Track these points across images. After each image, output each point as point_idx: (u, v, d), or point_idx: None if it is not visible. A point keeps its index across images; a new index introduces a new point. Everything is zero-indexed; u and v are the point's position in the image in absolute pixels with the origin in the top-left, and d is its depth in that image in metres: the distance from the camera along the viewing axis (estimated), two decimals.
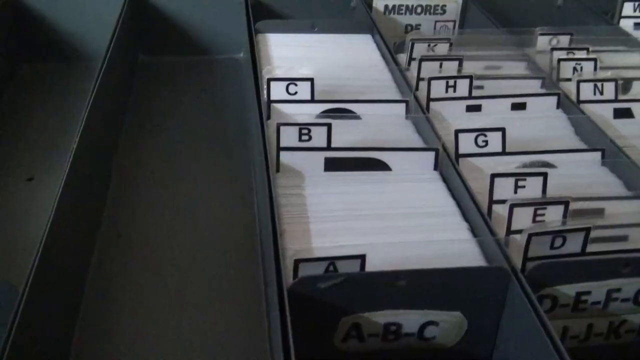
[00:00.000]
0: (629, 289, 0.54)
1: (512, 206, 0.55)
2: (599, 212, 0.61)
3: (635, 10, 1.03)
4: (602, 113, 0.80)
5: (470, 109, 0.78)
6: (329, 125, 0.65)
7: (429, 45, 0.84)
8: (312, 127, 0.65)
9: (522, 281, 0.50)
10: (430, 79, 0.76)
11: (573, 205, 0.61)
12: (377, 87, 0.82)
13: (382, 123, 0.74)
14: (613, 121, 0.80)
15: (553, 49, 0.85)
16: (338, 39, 0.95)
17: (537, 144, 0.73)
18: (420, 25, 1.09)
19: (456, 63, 0.80)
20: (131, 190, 0.81)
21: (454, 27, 1.10)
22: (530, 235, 0.52)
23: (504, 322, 0.53)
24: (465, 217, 0.60)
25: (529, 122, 0.77)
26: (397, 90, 0.82)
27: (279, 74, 0.76)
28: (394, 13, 1.08)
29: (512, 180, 0.59)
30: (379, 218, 0.60)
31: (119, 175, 0.83)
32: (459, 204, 0.62)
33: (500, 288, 0.52)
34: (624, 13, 1.03)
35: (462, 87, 0.77)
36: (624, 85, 0.85)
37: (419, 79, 0.79)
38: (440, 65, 0.80)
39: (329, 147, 0.66)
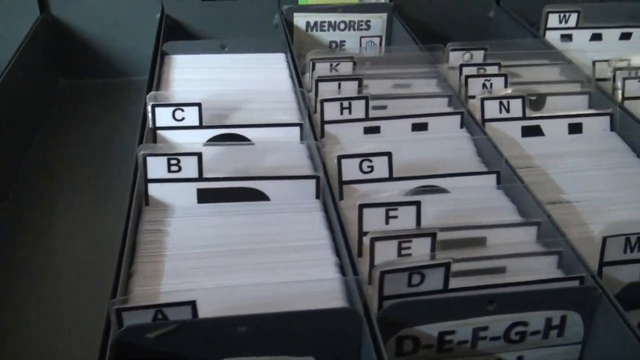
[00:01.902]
0: (497, 327, 0.50)
1: (373, 240, 0.52)
2: (481, 241, 0.58)
3: (560, 22, 0.99)
4: (510, 132, 0.76)
5: (368, 130, 0.74)
6: (199, 155, 0.61)
7: (331, 65, 0.80)
8: (181, 157, 0.61)
9: (372, 323, 0.47)
10: (322, 101, 0.72)
11: (454, 235, 0.57)
12: (280, 110, 0.79)
13: (276, 149, 0.71)
14: (521, 140, 0.76)
15: (462, 65, 0.82)
16: (249, 59, 0.92)
17: (435, 166, 0.69)
18: (345, 41, 1.06)
19: (355, 83, 0.76)
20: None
21: (380, 43, 1.07)
22: (382, 273, 0.48)
23: None
24: (338, 251, 0.57)
25: (429, 143, 0.73)
26: (299, 113, 0.79)
27: (166, 98, 0.73)
28: (316, 30, 1.05)
29: (382, 210, 0.56)
30: (247, 253, 0.57)
31: None
32: (334, 237, 0.59)
33: (353, 331, 0.48)
34: (549, 25, 0.99)
35: (359, 108, 0.73)
36: (538, 100, 0.82)
37: (316, 100, 0.76)
38: (339, 86, 0.76)
39: (200, 178, 0.62)
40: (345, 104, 0.73)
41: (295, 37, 1.04)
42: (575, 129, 0.77)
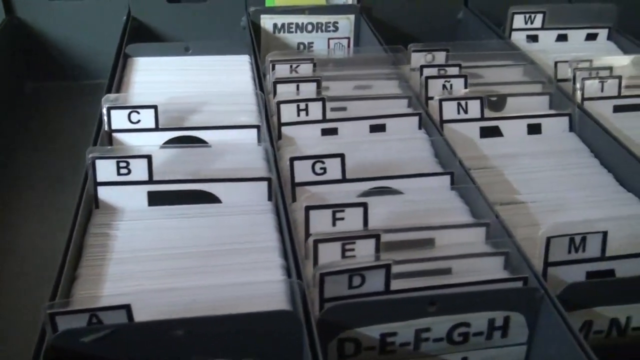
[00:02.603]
0: (439, 328, 0.50)
1: (316, 242, 0.52)
2: (430, 242, 0.58)
3: (526, 23, 0.99)
4: (468, 133, 0.76)
5: (326, 132, 0.74)
6: (149, 157, 0.61)
7: (291, 67, 0.80)
8: (130, 160, 0.61)
9: (311, 326, 0.47)
10: (279, 103, 0.72)
11: (403, 236, 0.57)
12: (241, 112, 0.79)
13: (232, 151, 0.71)
14: (479, 141, 0.76)
15: (423, 66, 0.82)
16: (213, 61, 0.91)
17: (392, 168, 0.69)
18: (312, 43, 1.06)
19: (314, 85, 0.76)
20: None
21: (348, 45, 1.07)
22: (322, 275, 0.48)
23: None
24: (286, 254, 0.57)
25: (387, 145, 0.73)
26: (259, 115, 0.78)
27: (125, 101, 0.73)
28: (284, 32, 1.05)
29: (329, 212, 0.55)
30: (195, 256, 0.56)
31: None
32: (283, 240, 0.58)
33: (292, 334, 0.48)
34: (515, 26, 0.99)
35: (316, 110, 0.73)
36: (499, 101, 0.82)
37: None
38: (298, 88, 0.76)
39: (151, 181, 0.62)
40: (302, 105, 0.72)
41: (263, 39, 1.04)
42: (534, 129, 0.77)
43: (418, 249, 0.56)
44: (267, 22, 1.04)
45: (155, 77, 0.87)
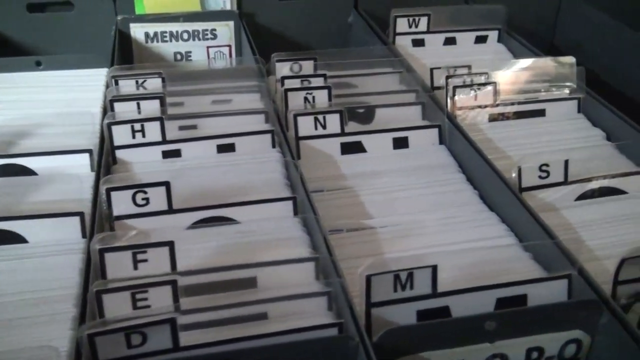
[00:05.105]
0: None
1: (99, 293, 0.45)
2: (251, 282, 0.51)
3: (410, 26, 0.94)
4: (328, 149, 0.70)
5: (167, 154, 0.67)
6: None
7: (137, 82, 0.73)
8: None
9: None
10: (109, 124, 0.65)
11: (218, 277, 0.51)
12: (81, 134, 0.71)
13: (59, 181, 0.63)
14: (340, 157, 0.70)
15: (284, 77, 0.76)
16: (65, 76, 0.84)
17: (237, 193, 0.63)
18: (190, 52, 0.99)
19: (157, 102, 0.69)
20: None
21: (230, 53, 1.00)
22: (91, 337, 0.41)
23: None
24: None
25: (234, 167, 0.67)
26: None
27: None
28: (157, 41, 0.97)
29: (128, 254, 0.49)
30: None
31: None
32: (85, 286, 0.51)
33: None
34: (398, 30, 0.94)
35: (153, 130, 0.66)
36: (367, 113, 0.76)
37: None
38: (138, 106, 0.69)
39: None
40: (138, 126, 0.65)
41: (135, 50, 0.96)
42: (400, 143, 0.72)
43: (235, 291, 0.50)
44: (137, 31, 0.96)
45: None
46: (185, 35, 0.98)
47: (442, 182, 0.67)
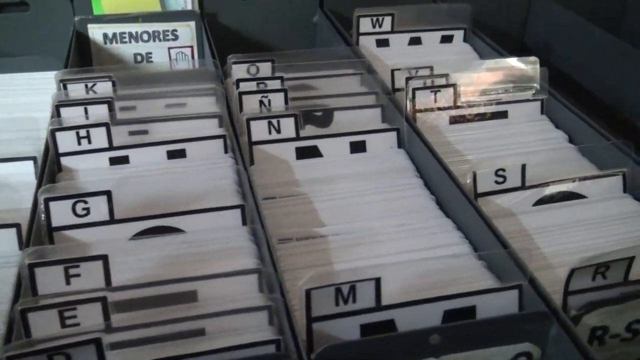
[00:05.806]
0: None
1: (24, 312, 0.43)
2: (191, 296, 0.49)
3: (374, 26, 0.92)
4: (282, 154, 0.69)
5: (115, 161, 0.65)
6: None
7: (86, 86, 0.71)
8: None
9: None
10: (52, 131, 0.63)
11: (165, 289, 0.49)
12: (29, 140, 0.69)
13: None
14: (295, 162, 0.69)
15: (239, 80, 0.74)
16: (16, 80, 0.81)
17: (186, 200, 0.61)
18: (151, 54, 0.97)
19: (105, 107, 0.67)
20: None
21: (192, 54, 0.98)
22: (10, 359, 0.39)
23: None
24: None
25: (184, 174, 0.65)
26: None
27: None
28: (116, 42, 0.95)
29: (59, 269, 0.47)
30: None
31: None
32: None
33: None
34: (362, 30, 0.92)
35: (99, 136, 0.64)
36: (325, 116, 0.74)
37: None
38: (86, 111, 0.67)
39: None
40: (83, 132, 0.63)
41: (94, 52, 0.94)
42: (357, 147, 0.70)
43: (174, 305, 0.48)
44: (95, 32, 0.94)
45: None
46: (145, 36, 0.95)
47: (398, 187, 0.65)
